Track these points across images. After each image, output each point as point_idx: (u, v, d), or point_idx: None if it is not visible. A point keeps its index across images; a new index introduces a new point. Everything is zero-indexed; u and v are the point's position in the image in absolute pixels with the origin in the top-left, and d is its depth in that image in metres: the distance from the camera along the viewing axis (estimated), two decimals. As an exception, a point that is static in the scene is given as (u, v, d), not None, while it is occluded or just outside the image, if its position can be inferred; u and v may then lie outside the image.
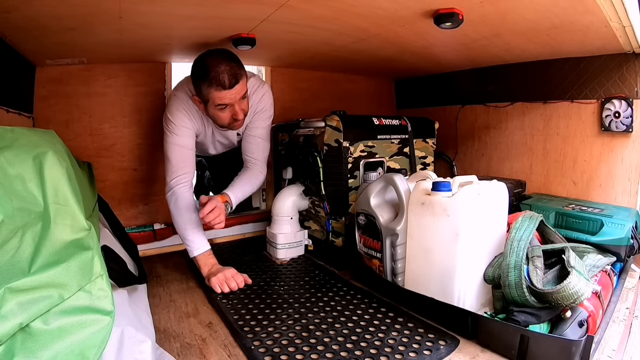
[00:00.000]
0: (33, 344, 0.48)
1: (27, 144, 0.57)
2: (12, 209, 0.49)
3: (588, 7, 0.86)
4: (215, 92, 1.05)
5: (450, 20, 0.91)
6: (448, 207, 0.89)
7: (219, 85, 1.04)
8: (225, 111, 1.11)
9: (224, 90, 1.05)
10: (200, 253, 1.15)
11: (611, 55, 1.23)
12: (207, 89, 1.06)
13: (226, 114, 1.12)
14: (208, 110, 1.13)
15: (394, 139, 1.41)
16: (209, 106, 1.11)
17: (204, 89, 1.06)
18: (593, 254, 0.98)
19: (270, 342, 0.82)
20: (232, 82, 1.05)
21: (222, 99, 1.07)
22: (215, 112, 1.12)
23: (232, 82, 1.05)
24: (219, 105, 1.09)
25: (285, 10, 0.91)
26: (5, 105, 1.03)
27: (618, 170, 1.26)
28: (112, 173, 1.42)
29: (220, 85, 1.04)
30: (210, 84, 1.04)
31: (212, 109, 1.11)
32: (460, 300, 0.90)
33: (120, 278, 0.83)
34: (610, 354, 0.76)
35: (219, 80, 1.03)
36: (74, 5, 0.81)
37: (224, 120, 1.14)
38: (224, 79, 1.04)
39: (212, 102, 1.08)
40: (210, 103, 1.09)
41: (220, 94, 1.06)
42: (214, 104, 1.09)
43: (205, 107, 1.13)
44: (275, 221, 1.39)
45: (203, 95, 1.08)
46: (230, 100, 1.08)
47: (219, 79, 1.03)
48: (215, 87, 1.04)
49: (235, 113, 1.12)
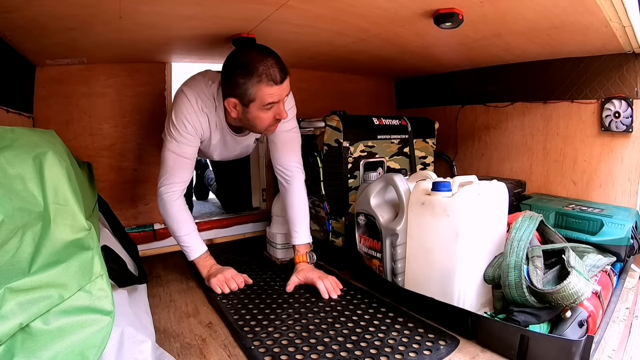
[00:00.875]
0: (33, 344, 0.48)
1: (27, 144, 0.57)
2: (12, 209, 0.49)
3: (588, 7, 0.86)
4: (266, 89, 0.96)
5: (450, 20, 0.91)
6: (448, 207, 0.89)
7: (271, 80, 0.95)
8: (270, 111, 1.01)
9: (276, 85, 0.96)
10: (197, 256, 1.13)
11: (611, 55, 1.23)
12: (255, 85, 0.95)
13: (269, 115, 1.02)
14: (247, 113, 1.02)
15: (394, 139, 1.41)
16: (251, 108, 1.00)
17: (250, 86, 0.95)
18: (593, 254, 0.98)
19: (270, 342, 0.82)
20: (282, 77, 0.96)
21: (273, 96, 0.97)
22: (259, 113, 1.01)
23: (282, 77, 0.96)
24: (267, 105, 0.99)
25: (285, 10, 0.91)
26: (5, 105, 1.03)
27: (618, 170, 1.26)
28: (112, 173, 1.41)
29: (272, 80, 0.95)
30: (260, 79, 0.94)
31: (254, 110, 1.00)
32: (460, 300, 0.90)
33: (120, 278, 0.83)
34: (610, 354, 0.76)
35: (270, 74, 0.94)
36: (74, 5, 0.81)
37: (264, 123, 1.03)
38: (275, 73, 0.95)
39: (260, 102, 0.98)
40: (257, 103, 0.98)
41: (271, 90, 0.96)
42: (263, 103, 0.98)
43: (244, 110, 1.01)
44: (275, 221, 1.39)
45: (248, 95, 0.97)
46: (279, 97, 0.99)
47: (270, 74, 0.94)
48: (266, 83, 0.95)
49: (279, 112, 1.02)
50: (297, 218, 1.20)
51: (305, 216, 1.22)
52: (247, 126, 1.08)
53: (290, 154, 1.21)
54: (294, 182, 1.22)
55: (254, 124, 1.04)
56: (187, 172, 1.13)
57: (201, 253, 1.14)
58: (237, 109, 1.02)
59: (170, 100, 1.48)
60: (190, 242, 1.13)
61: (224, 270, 1.12)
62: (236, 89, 0.98)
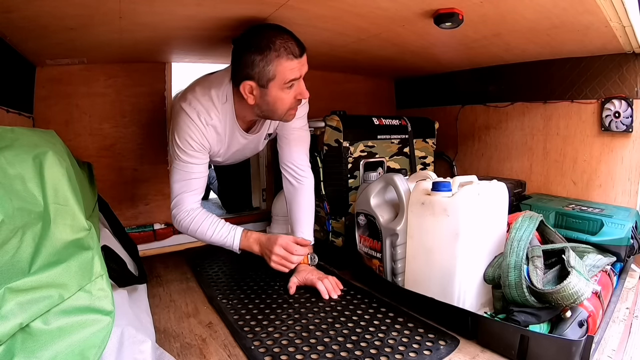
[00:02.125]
0: (33, 344, 0.48)
1: (27, 144, 0.57)
2: (12, 209, 0.49)
3: (588, 7, 0.86)
4: (287, 63, 0.90)
5: (450, 20, 0.91)
6: (448, 207, 0.89)
7: (290, 53, 0.89)
8: (291, 90, 0.95)
9: (296, 59, 0.90)
10: (239, 242, 1.07)
11: (611, 55, 1.23)
12: (274, 60, 0.89)
13: (290, 95, 0.96)
14: (266, 96, 0.95)
15: (394, 139, 1.41)
16: (271, 88, 0.93)
17: (268, 63, 0.89)
18: (593, 254, 0.98)
19: (270, 342, 0.82)
20: (301, 50, 0.91)
21: (294, 71, 0.91)
22: (279, 94, 0.94)
23: (301, 50, 0.91)
24: (289, 83, 0.93)
25: (285, 10, 0.91)
26: (5, 105, 1.03)
27: (618, 170, 1.26)
28: (112, 173, 1.41)
29: (291, 53, 0.89)
30: (279, 54, 0.89)
31: (275, 90, 0.94)
32: (460, 300, 0.90)
33: (120, 278, 0.83)
34: (610, 354, 0.76)
35: (289, 47, 0.89)
36: (74, 5, 0.81)
37: (285, 104, 0.97)
38: (293, 46, 0.90)
39: (282, 79, 0.92)
40: (277, 81, 0.92)
41: (292, 64, 0.90)
42: (284, 80, 0.92)
43: (262, 93, 0.95)
44: (275, 221, 1.39)
45: (266, 73, 0.91)
46: (299, 73, 0.93)
47: (288, 47, 0.89)
48: (286, 57, 0.89)
49: (300, 91, 0.96)
50: (303, 219, 1.19)
51: (311, 218, 1.20)
52: (266, 112, 1.01)
53: (302, 152, 1.19)
54: (305, 182, 1.20)
55: (274, 107, 0.97)
56: (199, 191, 1.09)
57: (239, 237, 1.07)
58: (254, 94, 0.95)
59: (171, 101, 1.48)
60: (225, 235, 1.06)
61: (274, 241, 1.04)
62: (252, 69, 0.91)
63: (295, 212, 1.20)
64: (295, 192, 1.20)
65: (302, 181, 1.19)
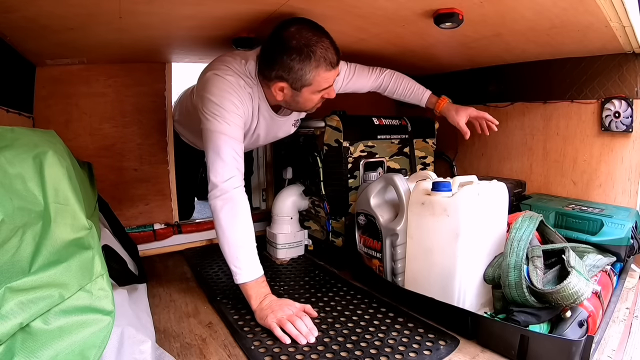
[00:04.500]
0: (33, 344, 0.48)
1: (27, 144, 0.57)
2: (13, 209, 0.49)
3: (588, 7, 0.86)
4: (324, 73, 0.88)
5: (450, 20, 0.91)
6: (448, 207, 0.89)
7: (329, 64, 0.88)
8: (320, 93, 0.94)
9: (333, 69, 0.89)
10: (252, 279, 0.90)
11: (611, 55, 1.22)
12: (313, 71, 0.88)
13: (319, 97, 0.95)
14: (297, 96, 0.94)
15: (394, 139, 1.41)
16: (304, 92, 0.92)
17: (307, 72, 0.88)
18: (593, 254, 0.98)
19: (270, 342, 0.82)
20: (338, 58, 0.90)
21: (329, 80, 0.90)
22: (310, 96, 0.93)
23: (338, 58, 0.90)
24: (322, 91, 0.92)
25: (285, 10, 0.91)
26: (5, 105, 1.03)
27: (618, 170, 1.26)
28: (112, 173, 1.41)
29: (330, 64, 0.88)
30: (318, 64, 0.87)
31: (307, 94, 0.92)
32: (460, 300, 0.90)
33: (121, 277, 0.83)
34: (610, 354, 0.76)
35: (328, 58, 0.87)
36: (74, 5, 0.81)
37: (313, 103, 0.97)
38: (332, 55, 0.87)
39: (316, 87, 0.91)
40: (311, 88, 0.91)
41: (328, 75, 0.89)
42: (318, 88, 0.91)
43: (293, 94, 0.93)
44: (275, 221, 1.39)
45: (303, 80, 0.89)
46: (333, 79, 0.92)
47: (328, 57, 0.87)
48: (324, 68, 0.88)
49: (329, 92, 0.96)
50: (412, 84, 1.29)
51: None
52: (292, 107, 1.01)
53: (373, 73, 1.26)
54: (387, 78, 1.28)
55: (303, 106, 0.98)
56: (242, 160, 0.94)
57: (258, 276, 0.91)
58: (284, 92, 0.94)
59: (171, 101, 1.48)
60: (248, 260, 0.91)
61: (282, 304, 0.88)
62: (289, 74, 0.89)
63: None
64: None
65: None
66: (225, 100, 0.93)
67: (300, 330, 0.82)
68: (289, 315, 0.85)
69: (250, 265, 0.91)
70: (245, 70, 0.99)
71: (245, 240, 0.91)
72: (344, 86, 1.21)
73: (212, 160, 0.91)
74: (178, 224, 1.52)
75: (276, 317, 0.84)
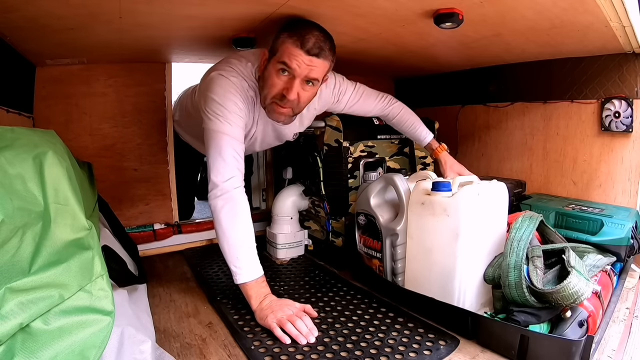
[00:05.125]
0: (33, 344, 0.48)
1: (27, 144, 0.57)
2: (13, 209, 0.49)
3: (588, 7, 0.86)
4: (292, 47, 0.89)
5: (450, 20, 0.91)
6: (448, 207, 0.89)
7: (299, 41, 0.88)
8: (281, 78, 0.93)
9: (301, 49, 0.89)
10: (252, 279, 0.90)
11: (611, 55, 1.22)
12: (285, 38, 0.90)
13: (279, 82, 0.93)
14: (266, 70, 0.95)
15: (394, 139, 1.41)
16: (271, 61, 0.93)
17: (282, 37, 0.91)
18: (593, 254, 0.98)
19: (270, 342, 0.82)
20: (314, 50, 0.89)
21: (290, 58, 0.89)
22: (271, 71, 0.93)
23: (314, 50, 0.89)
24: (282, 64, 0.90)
25: (286, 10, 0.91)
26: (5, 105, 1.03)
27: (618, 170, 1.26)
28: (112, 173, 1.41)
29: (303, 44, 0.88)
30: (291, 34, 0.89)
31: (271, 66, 0.93)
32: (460, 300, 0.90)
33: (120, 277, 0.83)
34: (610, 354, 0.76)
35: (304, 39, 0.88)
36: (74, 5, 0.81)
37: (272, 89, 0.94)
38: (309, 39, 0.89)
39: (279, 55, 0.91)
40: (276, 57, 0.92)
41: (294, 51, 0.89)
42: (280, 58, 0.91)
43: (267, 63, 0.95)
44: (275, 221, 1.39)
45: (276, 44, 0.92)
46: (296, 67, 0.90)
47: (304, 39, 0.88)
48: (294, 41, 0.89)
49: (288, 89, 0.92)
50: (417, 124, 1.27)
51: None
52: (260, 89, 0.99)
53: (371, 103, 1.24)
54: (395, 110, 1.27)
55: (264, 85, 0.96)
56: (243, 160, 0.95)
57: (258, 276, 0.92)
58: (263, 62, 0.96)
59: (171, 101, 1.48)
60: (248, 260, 0.91)
61: (282, 304, 0.89)
62: (274, 41, 0.93)
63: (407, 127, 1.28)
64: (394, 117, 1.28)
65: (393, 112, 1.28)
66: (228, 100, 0.93)
67: (300, 330, 0.83)
68: (289, 316, 0.85)
69: (250, 265, 0.91)
70: (249, 73, 1.00)
71: (245, 240, 0.91)
72: (348, 107, 1.21)
73: (213, 159, 0.91)
74: (178, 224, 1.52)
75: (276, 317, 0.85)
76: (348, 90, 1.19)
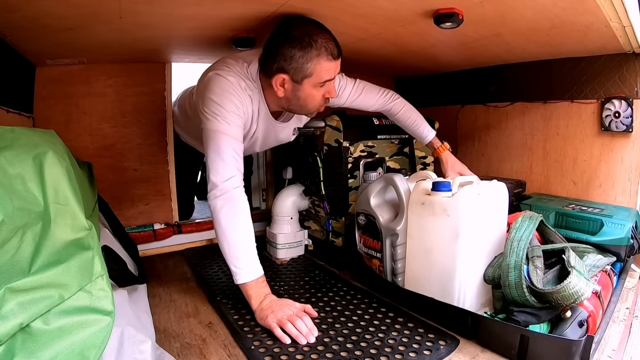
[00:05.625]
0: (33, 344, 0.48)
1: (27, 144, 0.57)
2: (12, 209, 0.49)
3: (588, 7, 0.86)
4: (325, 64, 0.89)
5: (450, 20, 0.91)
6: (448, 207, 0.89)
7: (330, 54, 0.88)
8: (322, 89, 0.94)
9: (334, 60, 0.90)
10: (252, 279, 0.90)
11: (611, 55, 1.22)
12: (314, 59, 0.88)
13: (320, 93, 0.95)
14: (298, 91, 0.94)
15: (394, 139, 1.41)
16: (304, 85, 0.92)
17: (307, 60, 0.88)
18: (593, 254, 0.98)
19: (270, 342, 0.82)
20: (339, 51, 0.91)
21: (330, 72, 0.90)
22: (312, 91, 0.93)
23: (339, 51, 0.91)
24: (323, 82, 0.91)
25: (286, 9, 0.91)
26: (5, 105, 1.03)
27: (618, 170, 1.26)
28: (112, 173, 1.41)
29: (331, 54, 0.88)
30: (319, 53, 0.87)
31: (307, 88, 0.92)
32: (460, 300, 0.90)
33: (120, 278, 0.83)
34: (610, 354, 0.76)
35: (329, 48, 0.88)
36: (74, 5, 0.81)
37: (315, 101, 0.96)
38: (333, 47, 0.89)
39: (317, 78, 0.90)
40: (312, 79, 0.91)
41: (330, 65, 0.90)
42: (319, 80, 0.91)
43: (294, 88, 0.93)
44: (275, 221, 1.39)
45: (303, 70, 0.89)
46: (334, 74, 0.92)
47: (329, 48, 0.88)
48: (325, 57, 0.88)
49: (330, 90, 0.95)
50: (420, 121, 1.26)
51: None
52: (294, 106, 1.00)
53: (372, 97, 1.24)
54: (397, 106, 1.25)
55: (304, 103, 0.97)
56: (242, 160, 0.94)
57: (258, 276, 0.91)
58: (285, 87, 0.94)
59: (171, 101, 1.48)
60: (248, 260, 0.91)
61: (282, 304, 0.88)
62: (290, 63, 0.89)
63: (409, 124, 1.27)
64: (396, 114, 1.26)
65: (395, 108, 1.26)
66: (226, 100, 0.93)
67: (300, 330, 0.83)
68: (289, 316, 0.85)
69: (250, 265, 0.91)
70: (247, 73, 1.00)
71: (245, 240, 0.91)
72: (349, 102, 1.21)
73: (212, 159, 0.91)
74: (178, 224, 1.52)
75: (276, 317, 0.85)
76: (348, 86, 1.19)
